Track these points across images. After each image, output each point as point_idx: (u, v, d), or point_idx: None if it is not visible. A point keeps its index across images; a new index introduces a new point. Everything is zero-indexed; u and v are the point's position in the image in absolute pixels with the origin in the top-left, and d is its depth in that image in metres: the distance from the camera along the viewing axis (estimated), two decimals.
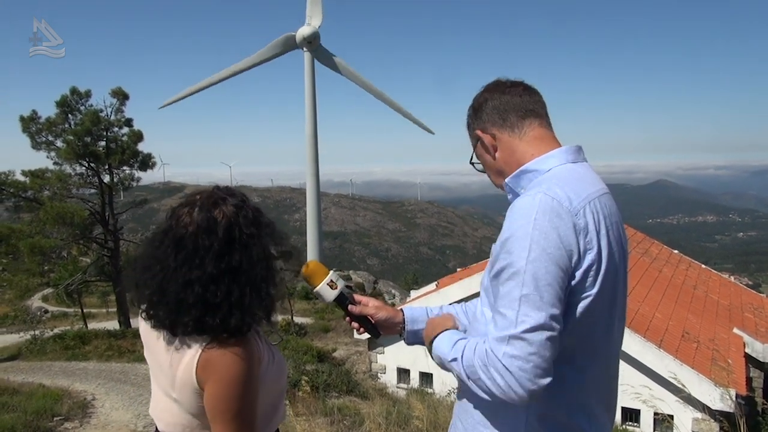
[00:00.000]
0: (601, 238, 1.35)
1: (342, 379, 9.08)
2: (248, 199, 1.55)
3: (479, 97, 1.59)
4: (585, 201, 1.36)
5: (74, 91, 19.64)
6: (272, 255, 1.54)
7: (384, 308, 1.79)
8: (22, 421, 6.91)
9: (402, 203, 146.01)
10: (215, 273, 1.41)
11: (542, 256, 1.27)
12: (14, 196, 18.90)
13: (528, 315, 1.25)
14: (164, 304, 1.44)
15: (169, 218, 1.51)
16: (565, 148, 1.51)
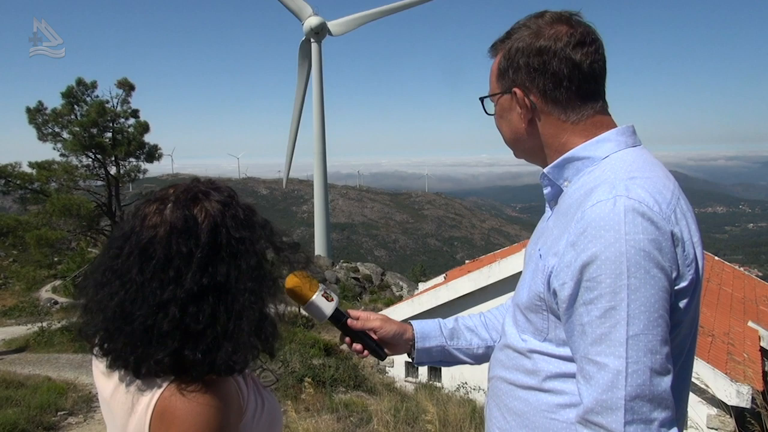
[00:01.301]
0: (696, 246, 1.09)
1: (349, 373, 8.96)
2: (237, 195, 1.20)
3: (527, 38, 1.19)
4: (674, 201, 1.08)
5: (80, 81, 19.55)
6: (272, 265, 1.19)
7: (390, 321, 1.48)
8: (26, 416, 6.85)
9: (410, 195, 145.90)
10: (196, 290, 1.04)
11: (647, 281, 0.99)
12: (21, 188, 18.89)
13: (640, 362, 0.97)
14: (126, 334, 1.05)
15: (132, 218, 1.12)
16: (621, 128, 1.20)
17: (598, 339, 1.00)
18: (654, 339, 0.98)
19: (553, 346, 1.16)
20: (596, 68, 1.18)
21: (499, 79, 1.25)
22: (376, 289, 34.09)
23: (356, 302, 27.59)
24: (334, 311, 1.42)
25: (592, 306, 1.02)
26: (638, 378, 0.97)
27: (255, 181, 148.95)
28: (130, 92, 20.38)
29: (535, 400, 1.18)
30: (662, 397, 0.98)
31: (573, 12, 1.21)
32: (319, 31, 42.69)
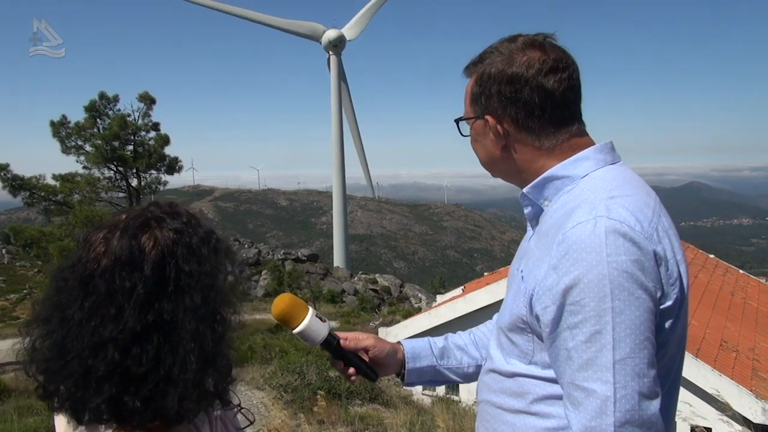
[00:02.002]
0: (680, 264, 1.06)
1: (365, 386, 8.92)
2: (197, 220, 1.06)
3: (500, 64, 1.15)
4: (655, 219, 1.05)
5: (102, 95, 19.94)
6: (229, 301, 1.05)
7: (382, 341, 1.42)
8: (46, 425, 6.92)
9: (428, 206, 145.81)
10: (139, 329, 0.93)
11: (631, 303, 0.96)
12: (45, 200, 19.27)
13: (629, 386, 0.95)
14: (64, 377, 0.94)
15: (80, 246, 1.01)
16: (599, 146, 1.17)
17: (585, 364, 0.98)
18: (641, 362, 0.96)
19: (539, 368, 1.13)
20: (569, 95, 1.16)
21: (472, 103, 1.23)
22: (394, 300, 34.04)
23: (375, 314, 27.55)
24: (328, 335, 1.34)
25: (576, 330, 0.99)
26: (627, 403, 0.95)
27: (275, 193, 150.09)
28: (151, 106, 20.74)
29: (523, 423, 1.15)
30: (651, 421, 0.96)
31: (547, 35, 1.19)
32: (337, 43, 43.12)
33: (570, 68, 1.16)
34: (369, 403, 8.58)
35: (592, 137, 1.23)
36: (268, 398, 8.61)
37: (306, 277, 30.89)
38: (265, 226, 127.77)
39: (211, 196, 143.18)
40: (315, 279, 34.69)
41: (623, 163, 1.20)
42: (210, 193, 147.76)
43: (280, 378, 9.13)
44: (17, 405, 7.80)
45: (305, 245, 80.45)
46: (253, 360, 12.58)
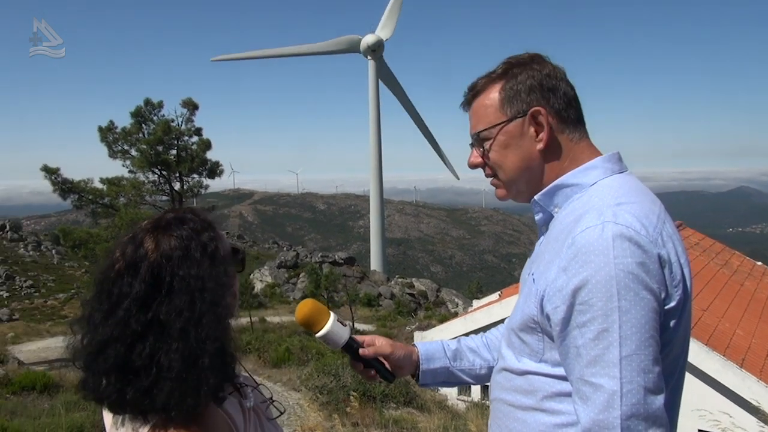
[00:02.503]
0: (684, 267, 1.12)
1: (400, 389, 8.95)
2: (207, 228, 1.13)
3: (539, 68, 1.24)
4: (659, 225, 1.11)
5: (147, 102, 20.51)
6: (226, 304, 1.12)
7: (398, 346, 1.49)
8: (91, 420, 7.16)
9: (466, 210, 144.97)
10: (139, 329, 1.02)
11: (636, 302, 1.02)
12: (93, 203, 19.91)
13: (634, 381, 1.00)
14: (90, 370, 1.06)
15: (107, 253, 1.12)
16: (607, 156, 1.24)
17: (593, 360, 1.03)
18: (646, 359, 1.01)
19: (549, 366, 1.18)
20: (578, 105, 1.28)
21: (504, 106, 1.25)
22: (431, 305, 33.93)
23: (411, 318, 27.53)
24: (348, 339, 1.39)
25: (585, 329, 1.05)
26: (633, 397, 1.00)
27: (313, 197, 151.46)
28: (193, 111, 21.21)
29: (533, 420, 1.20)
30: (656, 415, 1.01)
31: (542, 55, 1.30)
32: (375, 48, 43.32)
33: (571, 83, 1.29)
34: (404, 407, 8.62)
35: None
36: (304, 399, 8.73)
37: (343, 281, 31.08)
38: (303, 229, 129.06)
39: (250, 200, 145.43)
40: (352, 282, 34.87)
41: (630, 172, 1.26)
42: (250, 196, 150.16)
43: (317, 380, 9.25)
44: (65, 400, 8.08)
45: (342, 248, 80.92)
46: (291, 362, 12.76)
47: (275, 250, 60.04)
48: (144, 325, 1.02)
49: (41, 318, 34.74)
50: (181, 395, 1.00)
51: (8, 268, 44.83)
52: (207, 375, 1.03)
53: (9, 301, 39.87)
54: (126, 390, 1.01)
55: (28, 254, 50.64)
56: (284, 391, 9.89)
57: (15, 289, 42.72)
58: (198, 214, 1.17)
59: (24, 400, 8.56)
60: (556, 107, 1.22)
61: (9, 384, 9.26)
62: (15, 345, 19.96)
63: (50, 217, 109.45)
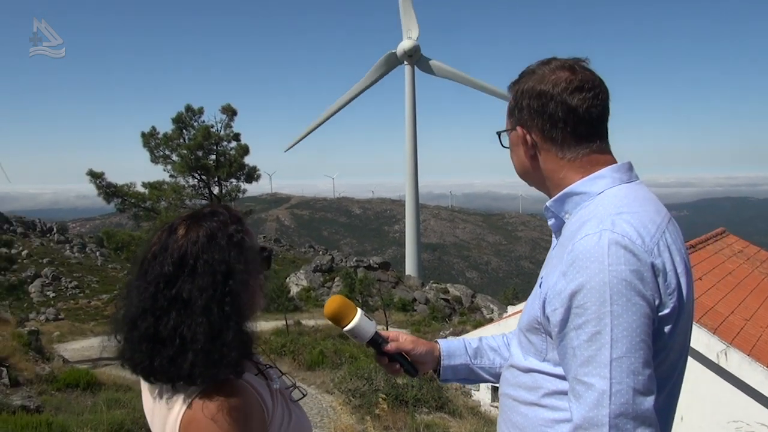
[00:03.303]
0: (680, 276, 1.16)
1: (433, 394, 8.94)
2: (236, 222, 1.26)
3: (532, 82, 1.29)
4: (658, 235, 1.15)
5: (188, 108, 21.03)
6: (249, 289, 1.22)
7: (420, 342, 1.57)
8: (131, 418, 7.36)
9: (503, 216, 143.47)
10: (165, 304, 1.16)
11: (628, 308, 1.07)
12: (135, 206, 20.51)
13: (624, 382, 1.05)
14: (127, 341, 1.21)
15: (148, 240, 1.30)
16: (616, 166, 1.28)
17: (586, 361, 1.08)
18: (636, 361, 1.06)
19: (551, 365, 1.24)
20: (593, 112, 1.26)
21: (509, 117, 1.37)
22: (465, 310, 33.70)
23: (445, 323, 27.40)
24: (375, 334, 1.48)
25: (580, 330, 1.10)
26: (621, 397, 1.05)
27: (349, 201, 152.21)
28: (232, 117, 21.66)
29: (534, 415, 1.26)
30: (645, 416, 1.05)
31: (580, 59, 1.31)
32: (412, 53, 43.38)
33: (596, 89, 1.27)
34: (436, 412, 8.60)
35: (614, 156, 1.32)
36: (336, 402, 8.80)
37: (377, 285, 31.16)
38: (339, 233, 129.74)
39: (287, 204, 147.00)
40: (386, 287, 34.90)
41: (640, 182, 1.30)
42: (287, 200, 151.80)
43: (349, 383, 9.30)
44: (107, 398, 8.31)
45: (378, 253, 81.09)
46: (324, 364, 12.86)
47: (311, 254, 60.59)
48: (169, 301, 1.16)
49: (85, 318, 35.78)
50: (204, 365, 1.13)
51: (55, 269, 46.36)
52: (228, 349, 1.15)
53: (55, 301, 41.21)
54: (154, 358, 1.15)
55: (73, 256, 52.27)
56: (318, 393, 9.98)
57: (61, 290, 44.12)
58: (229, 209, 1.30)
59: (68, 396, 8.83)
60: (540, 127, 1.28)
61: (54, 381, 9.56)
62: (60, 343, 20.61)
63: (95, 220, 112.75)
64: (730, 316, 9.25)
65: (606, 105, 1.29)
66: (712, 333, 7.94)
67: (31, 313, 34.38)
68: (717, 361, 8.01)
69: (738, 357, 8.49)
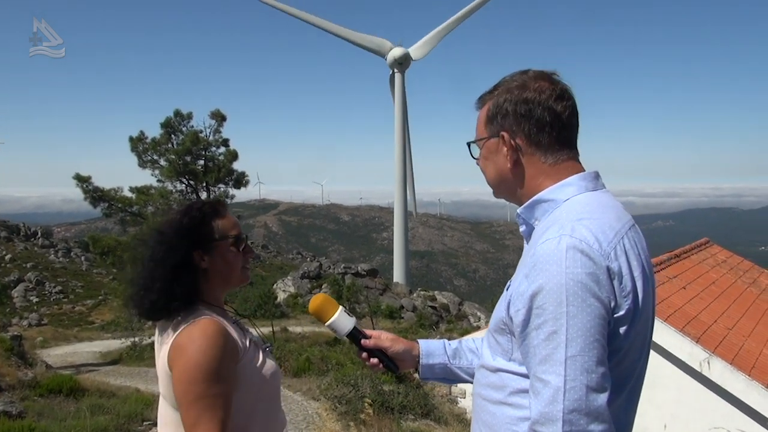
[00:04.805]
0: (636, 280, 1.21)
1: (419, 401, 8.94)
2: (192, 211, 1.68)
3: (519, 93, 1.35)
4: (615, 240, 1.21)
5: (177, 113, 20.94)
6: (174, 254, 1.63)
7: (399, 341, 1.67)
8: (115, 424, 7.31)
9: (491, 224, 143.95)
10: (152, 265, 1.64)
11: (583, 309, 1.13)
12: (122, 211, 20.34)
13: (577, 380, 1.10)
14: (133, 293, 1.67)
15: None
16: (583, 174, 1.35)
17: (544, 359, 1.15)
18: (590, 360, 1.11)
19: (516, 365, 1.29)
20: (573, 121, 1.36)
21: (487, 124, 1.42)
22: (453, 318, 33.69)
23: (432, 331, 27.39)
24: (353, 329, 1.61)
25: (539, 330, 1.16)
26: (575, 394, 1.10)
27: (337, 208, 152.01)
28: (221, 122, 21.58)
29: (501, 413, 1.31)
30: (598, 412, 1.11)
31: (551, 71, 1.38)
32: (402, 61, 43.51)
33: (572, 100, 1.36)
34: (422, 419, 8.60)
35: (583, 165, 1.40)
36: (322, 408, 8.77)
37: (365, 292, 31.11)
38: (327, 240, 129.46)
39: (275, 210, 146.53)
40: (374, 294, 34.85)
41: (605, 190, 1.36)
42: (275, 207, 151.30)
43: (335, 390, 9.28)
44: (90, 404, 8.25)
45: (366, 260, 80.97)
46: (311, 371, 12.81)
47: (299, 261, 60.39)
48: (141, 262, 1.67)
49: (69, 323, 35.41)
50: (163, 302, 1.59)
51: (39, 273, 45.85)
52: (172, 292, 1.59)
53: (38, 306, 40.74)
54: (144, 303, 1.61)
55: (58, 260, 51.73)
56: (304, 400, 9.94)
57: (44, 295, 43.62)
58: (197, 204, 1.73)
59: (51, 402, 8.74)
60: (527, 131, 1.34)
61: (37, 387, 9.46)
62: (43, 349, 20.40)
63: (80, 224, 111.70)
64: (713, 325, 9.36)
65: (578, 116, 1.39)
66: (695, 342, 8.03)
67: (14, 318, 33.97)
68: (700, 370, 8.09)
69: (720, 365, 8.58)
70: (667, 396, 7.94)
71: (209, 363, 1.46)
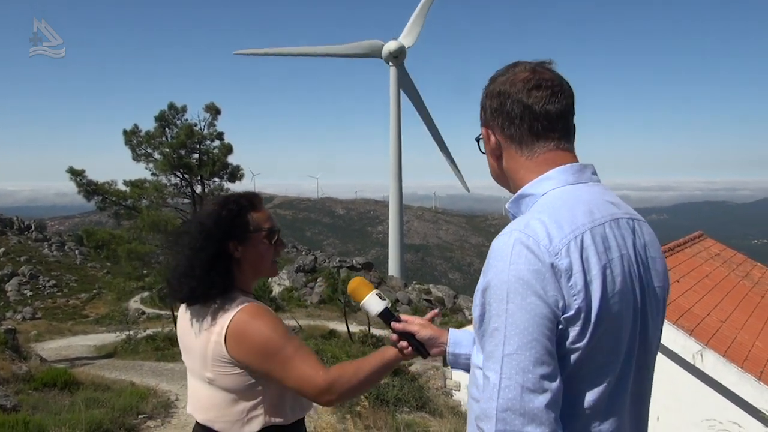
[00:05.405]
0: (593, 279, 1.13)
1: (414, 394, 8.97)
2: (229, 204, 1.78)
3: (495, 84, 1.33)
4: (571, 236, 1.14)
5: (171, 106, 20.81)
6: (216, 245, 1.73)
7: (429, 327, 1.69)
8: (110, 417, 7.30)
9: (486, 217, 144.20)
10: (192, 253, 1.74)
11: (522, 306, 1.09)
12: (116, 204, 20.23)
13: (512, 378, 1.07)
14: (176, 278, 1.76)
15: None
16: (564, 167, 1.28)
17: (488, 355, 1.13)
18: (526, 359, 1.07)
19: None
20: (550, 109, 1.27)
21: (480, 119, 1.41)
22: (447, 311, 33.80)
23: None
24: (384, 310, 1.72)
25: (486, 326, 1.15)
26: (509, 392, 1.07)
27: (332, 201, 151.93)
28: (216, 116, 21.47)
29: (476, 408, 1.28)
30: (535, 414, 1.06)
31: (546, 61, 1.33)
32: (398, 54, 43.39)
33: (554, 88, 1.28)
34: (416, 411, 8.63)
35: (576, 157, 1.33)
36: None
37: None
38: (323, 233, 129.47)
39: (270, 204, 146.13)
40: None
41: (592, 183, 1.30)
42: (270, 200, 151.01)
43: None
44: (85, 397, 8.24)
45: (361, 254, 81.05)
46: None
47: (294, 254, 60.42)
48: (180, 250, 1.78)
49: (63, 317, 35.36)
50: (204, 289, 1.70)
51: (32, 267, 45.71)
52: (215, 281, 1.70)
53: (32, 300, 40.67)
54: (184, 289, 1.72)
55: (51, 254, 51.56)
56: None
57: (38, 288, 43.52)
58: (234, 197, 1.84)
59: (45, 396, 8.72)
60: (500, 125, 1.32)
61: (31, 380, 9.44)
62: (38, 342, 20.37)
63: (74, 218, 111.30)
64: (706, 317, 9.42)
65: (565, 103, 1.30)
66: (688, 334, 8.08)
67: (8, 311, 33.87)
68: (693, 362, 8.15)
69: (713, 358, 8.64)
70: (660, 388, 7.99)
71: (277, 329, 1.64)
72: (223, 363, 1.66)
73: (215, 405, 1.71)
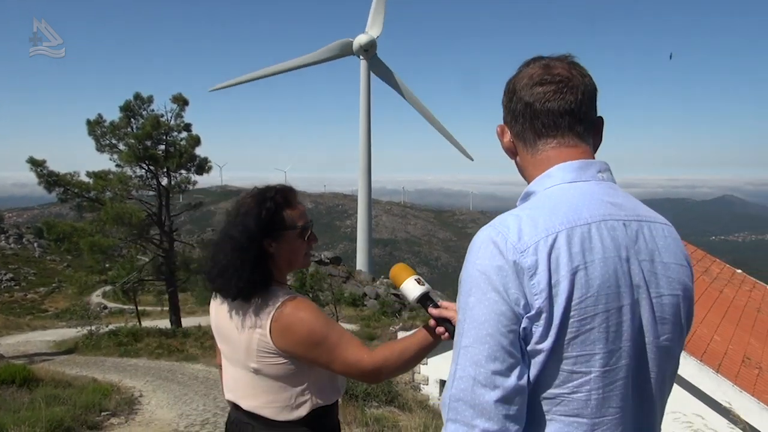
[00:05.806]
0: (560, 280, 1.09)
1: (383, 388, 8.99)
2: (266, 202, 1.82)
3: (510, 80, 1.32)
4: (543, 234, 1.11)
5: (137, 96, 20.41)
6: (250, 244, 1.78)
7: None
8: (71, 415, 7.12)
9: (453, 212, 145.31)
10: (233, 250, 1.80)
11: (481, 301, 1.10)
12: (78, 196, 19.74)
13: (466, 370, 1.09)
14: (214, 273, 1.83)
15: None
16: (565, 164, 1.24)
17: (455, 346, 1.16)
18: (479, 353, 1.09)
19: None
20: (551, 106, 1.23)
21: None
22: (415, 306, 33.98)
23: (395, 318, 27.57)
24: (421, 295, 1.72)
25: (458, 317, 1.17)
26: (462, 384, 1.10)
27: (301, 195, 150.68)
28: (183, 107, 21.13)
29: None
30: (485, 408, 1.07)
31: (565, 55, 1.29)
32: (368, 48, 43.34)
33: (561, 83, 1.23)
34: (385, 406, 8.66)
35: (590, 153, 1.29)
36: None
37: (328, 280, 31.06)
38: None
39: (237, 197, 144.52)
40: (337, 282, 34.84)
41: (594, 182, 1.24)
42: (237, 193, 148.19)
43: None
44: (45, 394, 8.03)
45: (329, 248, 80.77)
46: None
47: None
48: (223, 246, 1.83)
49: (21, 311, 34.40)
50: (250, 288, 1.76)
51: None
52: (256, 278, 1.76)
53: None
54: (230, 284, 1.76)
55: (9, 247, 50.09)
56: None
57: None
58: (269, 190, 1.91)
59: (3, 393, 8.47)
60: (509, 122, 1.31)
61: None
62: None
63: (33, 209, 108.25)
64: None
65: (573, 99, 1.23)
66: None
67: None
68: None
69: None
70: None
71: (319, 318, 1.71)
72: (268, 354, 1.73)
73: (263, 392, 1.78)
